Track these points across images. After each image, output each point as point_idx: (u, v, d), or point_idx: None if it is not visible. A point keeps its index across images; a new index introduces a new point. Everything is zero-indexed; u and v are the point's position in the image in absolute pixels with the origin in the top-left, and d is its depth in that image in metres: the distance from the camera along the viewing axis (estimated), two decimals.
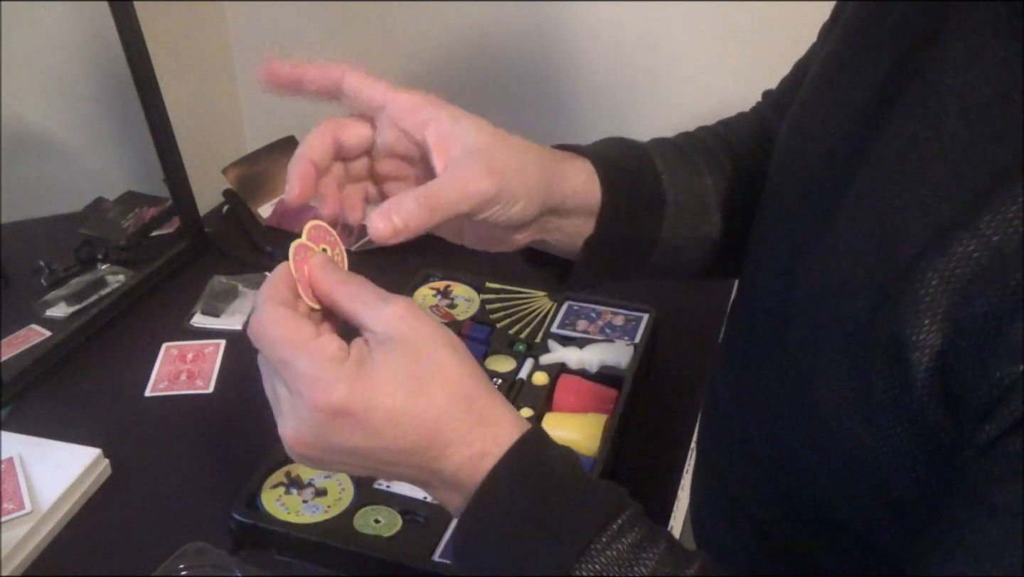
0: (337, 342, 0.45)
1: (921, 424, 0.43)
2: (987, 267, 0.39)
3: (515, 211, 0.52)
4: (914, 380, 0.42)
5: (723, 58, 1.16)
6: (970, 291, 0.40)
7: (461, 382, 0.46)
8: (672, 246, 0.65)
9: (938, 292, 0.41)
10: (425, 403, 0.44)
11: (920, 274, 0.42)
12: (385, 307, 0.46)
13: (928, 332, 0.41)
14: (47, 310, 1.01)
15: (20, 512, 0.75)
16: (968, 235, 0.40)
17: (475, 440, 0.45)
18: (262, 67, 0.51)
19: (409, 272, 1.06)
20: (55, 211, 1.11)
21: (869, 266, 0.46)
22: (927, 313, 0.41)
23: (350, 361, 0.44)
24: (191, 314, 1.04)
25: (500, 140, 0.52)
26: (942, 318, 0.41)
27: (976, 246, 0.40)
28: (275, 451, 0.79)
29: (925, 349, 0.41)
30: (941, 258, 0.41)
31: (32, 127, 1.09)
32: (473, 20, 1.25)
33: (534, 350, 0.94)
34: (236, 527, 0.73)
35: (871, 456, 0.46)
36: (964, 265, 0.40)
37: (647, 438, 0.87)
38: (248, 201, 1.26)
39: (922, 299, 0.42)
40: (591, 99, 1.24)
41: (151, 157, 1.09)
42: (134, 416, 0.90)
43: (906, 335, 0.42)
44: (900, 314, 0.42)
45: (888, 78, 0.49)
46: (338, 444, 0.45)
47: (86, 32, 1.10)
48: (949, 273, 0.41)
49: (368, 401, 0.43)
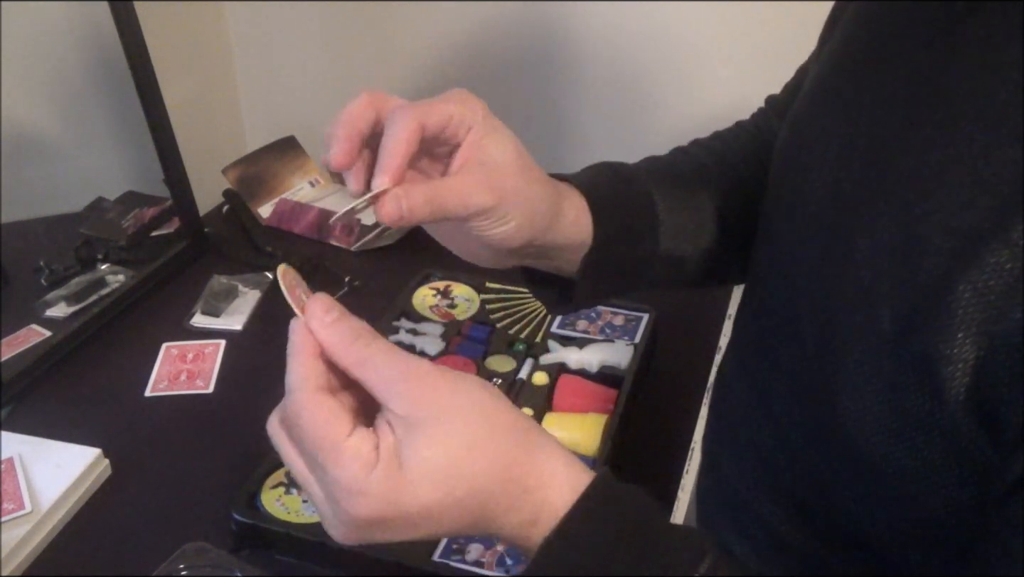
0: (370, 442, 0.42)
1: (954, 441, 0.42)
2: (1021, 278, 0.38)
3: (505, 231, 0.53)
4: (947, 396, 0.41)
5: (726, 57, 1.16)
6: (1005, 303, 0.39)
7: (498, 452, 0.43)
8: (670, 261, 0.65)
9: (971, 305, 0.40)
10: (465, 488, 0.42)
11: (951, 286, 0.41)
12: (401, 385, 0.43)
13: (962, 346, 0.40)
14: (47, 310, 1.01)
15: (20, 512, 0.75)
16: (999, 245, 0.39)
17: (523, 506, 0.43)
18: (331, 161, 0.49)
19: (409, 272, 1.06)
20: (55, 211, 1.11)
21: (891, 276, 0.44)
22: (960, 327, 0.40)
23: (380, 466, 0.41)
24: (191, 314, 1.04)
25: (517, 162, 0.53)
26: (976, 332, 0.40)
27: (1008, 257, 0.39)
28: (275, 451, 0.78)
29: (959, 364, 0.40)
30: (972, 270, 0.40)
31: (32, 127, 1.09)
32: (473, 20, 1.25)
33: (534, 350, 0.94)
34: (236, 527, 0.73)
35: (899, 471, 0.45)
36: (997, 277, 0.39)
37: (647, 438, 0.87)
38: (248, 201, 1.26)
39: (954, 313, 0.40)
40: (591, 99, 1.24)
41: (151, 157, 1.09)
42: (134, 416, 0.90)
43: (939, 349, 0.41)
44: (931, 328, 0.41)
45: (899, 81, 0.48)
46: (384, 537, 0.44)
47: (86, 32, 1.10)
48: (982, 285, 0.40)
49: (403, 505, 0.42)
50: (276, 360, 0.46)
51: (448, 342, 0.95)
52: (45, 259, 1.05)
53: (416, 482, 0.41)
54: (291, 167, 1.32)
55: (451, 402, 0.43)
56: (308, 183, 1.33)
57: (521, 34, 1.23)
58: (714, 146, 0.72)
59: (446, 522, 0.43)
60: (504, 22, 1.23)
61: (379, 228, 1.22)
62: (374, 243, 1.19)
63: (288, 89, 1.41)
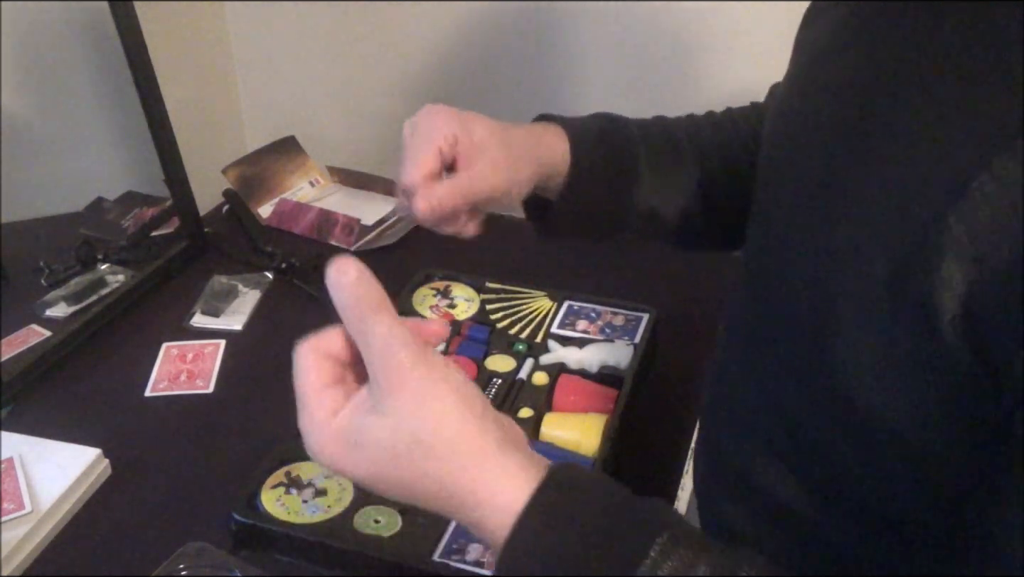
0: (336, 402, 0.48)
1: (948, 375, 0.43)
2: (1008, 206, 0.40)
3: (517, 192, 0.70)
4: (942, 328, 0.42)
5: (731, 54, 1.16)
6: (993, 230, 0.40)
7: (428, 470, 0.46)
8: (648, 211, 0.76)
9: (960, 235, 0.41)
10: (393, 482, 0.47)
11: (940, 223, 0.42)
12: (392, 359, 0.46)
13: (954, 275, 0.41)
14: (47, 310, 1.01)
15: (20, 512, 0.75)
16: (986, 178, 0.41)
17: (463, 516, 0.47)
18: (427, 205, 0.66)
19: (409, 272, 1.06)
20: (55, 211, 1.11)
21: (883, 228, 0.46)
22: (951, 257, 0.41)
23: (335, 423, 0.47)
24: (191, 314, 1.04)
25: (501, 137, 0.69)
26: (967, 260, 0.41)
27: (994, 188, 0.40)
28: (275, 451, 0.79)
29: (951, 293, 0.42)
30: (961, 202, 0.41)
31: (32, 127, 1.09)
32: (473, 20, 1.25)
33: (534, 350, 0.94)
34: (236, 527, 0.73)
35: (892, 416, 0.46)
36: (984, 206, 0.41)
37: (647, 438, 0.87)
38: (248, 201, 1.26)
39: (945, 246, 0.42)
40: (592, 99, 1.24)
41: (151, 157, 1.09)
42: (134, 416, 0.90)
43: (932, 284, 0.42)
44: (924, 266, 0.43)
45: (886, 44, 0.51)
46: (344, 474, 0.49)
47: (86, 32, 1.10)
48: (970, 216, 0.41)
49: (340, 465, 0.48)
50: (276, 360, 0.46)
51: (448, 342, 0.95)
52: (45, 259, 1.05)
53: (354, 455, 0.47)
54: (291, 167, 1.32)
55: (413, 408, 0.46)
56: (308, 183, 1.33)
57: (521, 34, 1.23)
58: (723, 123, 0.81)
59: (389, 493, 0.48)
60: (504, 22, 1.24)
61: (379, 228, 1.22)
62: (374, 243, 1.19)
63: (288, 89, 1.41)
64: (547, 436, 0.83)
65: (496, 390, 0.88)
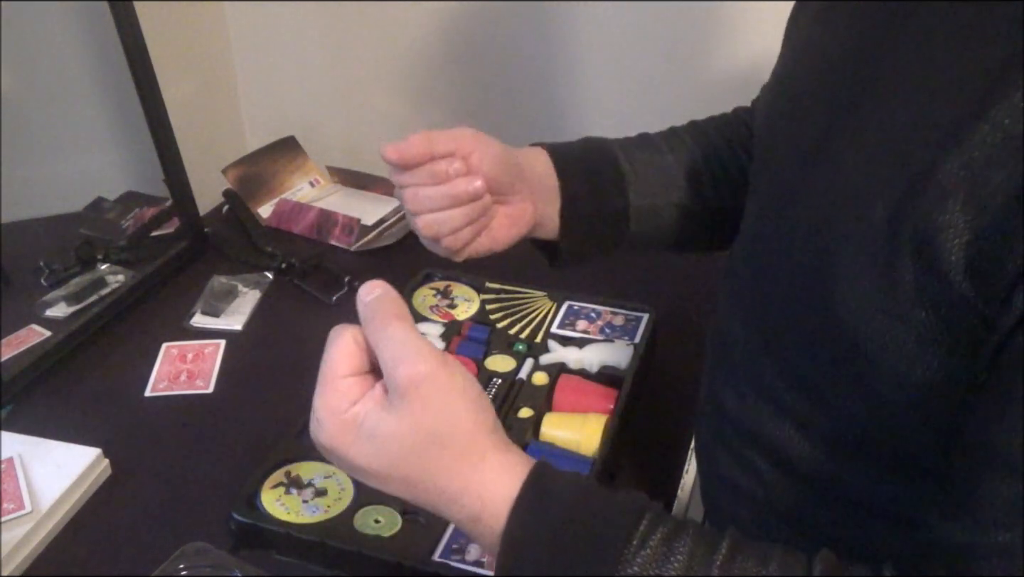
0: (355, 392, 0.50)
1: (948, 308, 0.44)
2: (1004, 148, 0.42)
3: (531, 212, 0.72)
4: (942, 265, 0.44)
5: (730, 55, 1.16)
6: (990, 171, 0.42)
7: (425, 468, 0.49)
8: (644, 212, 0.75)
9: (959, 176, 0.43)
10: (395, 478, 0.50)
11: (939, 166, 0.44)
12: (401, 367, 0.48)
13: (953, 215, 0.43)
14: (47, 310, 1.01)
15: (20, 512, 0.75)
16: (982, 123, 0.43)
17: (455, 513, 0.50)
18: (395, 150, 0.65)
19: (409, 272, 1.06)
20: (55, 211, 1.11)
21: (881, 175, 0.48)
22: (951, 197, 0.43)
23: (348, 415, 0.49)
24: (191, 314, 1.04)
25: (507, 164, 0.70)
26: (965, 200, 0.43)
27: (990, 130, 0.42)
28: (275, 451, 0.79)
29: (950, 231, 0.43)
30: (959, 146, 0.43)
31: (32, 127, 1.09)
32: (473, 20, 1.25)
33: (534, 350, 0.94)
34: (236, 527, 0.73)
35: (894, 354, 0.48)
36: (982, 148, 0.42)
37: (647, 438, 0.87)
38: (248, 201, 1.26)
39: (945, 185, 0.43)
40: (592, 98, 1.24)
41: (151, 157, 1.09)
42: (134, 416, 0.90)
43: (932, 222, 0.44)
44: (923, 206, 0.44)
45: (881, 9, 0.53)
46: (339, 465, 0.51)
47: (86, 32, 1.10)
48: (968, 158, 0.43)
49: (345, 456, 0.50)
50: (276, 360, 0.46)
51: (448, 342, 0.95)
52: (45, 259, 1.05)
53: (362, 446, 0.49)
54: (291, 167, 1.33)
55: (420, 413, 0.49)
56: (308, 183, 1.33)
57: (521, 34, 1.23)
58: (700, 124, 0.82)
59: (389, 485, 0.50)
60: (504, 22, 1.24)
61: (379, 228, 1.22)
62: (374, 243, 1.19)
63: (288, 89, 1.41)
64: (547, 436, 0.83)
65: (496, 390, 0.88)
